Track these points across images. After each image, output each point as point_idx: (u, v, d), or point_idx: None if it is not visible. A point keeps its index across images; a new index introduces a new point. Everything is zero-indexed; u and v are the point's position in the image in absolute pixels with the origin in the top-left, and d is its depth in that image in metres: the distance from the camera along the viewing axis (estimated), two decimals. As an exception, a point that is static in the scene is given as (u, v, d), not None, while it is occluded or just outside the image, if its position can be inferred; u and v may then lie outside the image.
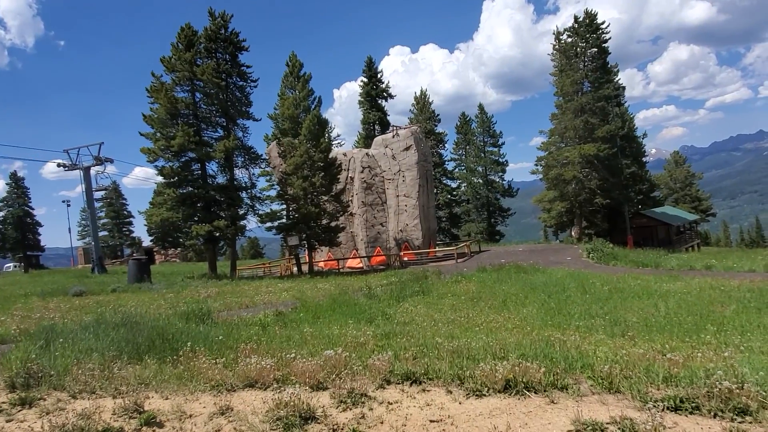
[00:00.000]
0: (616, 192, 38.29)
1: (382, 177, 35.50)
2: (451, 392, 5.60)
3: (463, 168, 63.63)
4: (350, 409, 5.21)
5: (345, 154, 36.24)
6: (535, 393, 5.49)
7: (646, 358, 6.54)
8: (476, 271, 23.86)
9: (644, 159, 47.96)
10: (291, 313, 12.64)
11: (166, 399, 5.68)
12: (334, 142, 44.37)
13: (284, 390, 5.87)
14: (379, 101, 51.88)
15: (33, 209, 70.20)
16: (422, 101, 54.83)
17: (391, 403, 5.33)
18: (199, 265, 52.13)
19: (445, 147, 60.33)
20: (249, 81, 31.31)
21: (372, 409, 5.20)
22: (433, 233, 38.76)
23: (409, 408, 5.23)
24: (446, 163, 61.37)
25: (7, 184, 70.06)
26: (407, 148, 34.98)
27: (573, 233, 42.42)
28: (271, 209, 31.02)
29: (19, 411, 5.35)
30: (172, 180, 27.62)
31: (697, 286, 16.53)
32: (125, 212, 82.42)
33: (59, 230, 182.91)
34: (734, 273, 20.86)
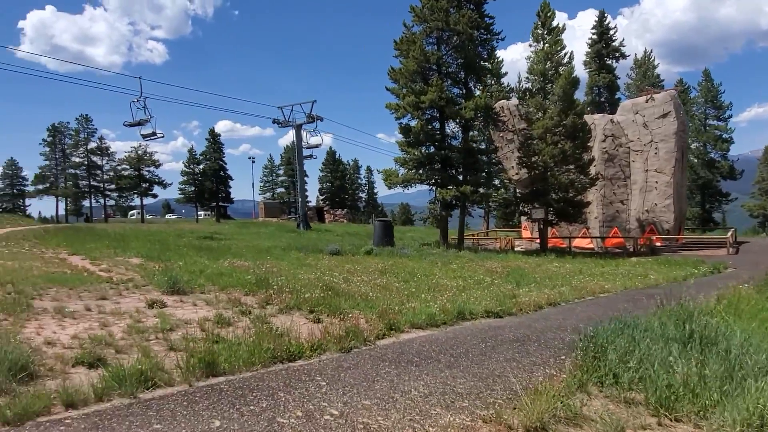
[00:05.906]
0: None
1: (628, 147, 30.85)
2: None
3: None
4: None
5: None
6: None
7: None
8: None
9: None
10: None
11: None
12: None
13: None
14: (609, 62, 45.85)
15: (226, 164, 75.55)
16: (645, 64, 47.67)
17: None
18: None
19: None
20: (493, 34, 28.28)
21: None
22: (684, 217, 33.39)
23: None
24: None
25: (206, 139, 76.18)
26: (664, 115, 29.82)
27: None
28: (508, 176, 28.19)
29: None
30: (416, 139, 25.86)
31: None
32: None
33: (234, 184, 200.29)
34: None
